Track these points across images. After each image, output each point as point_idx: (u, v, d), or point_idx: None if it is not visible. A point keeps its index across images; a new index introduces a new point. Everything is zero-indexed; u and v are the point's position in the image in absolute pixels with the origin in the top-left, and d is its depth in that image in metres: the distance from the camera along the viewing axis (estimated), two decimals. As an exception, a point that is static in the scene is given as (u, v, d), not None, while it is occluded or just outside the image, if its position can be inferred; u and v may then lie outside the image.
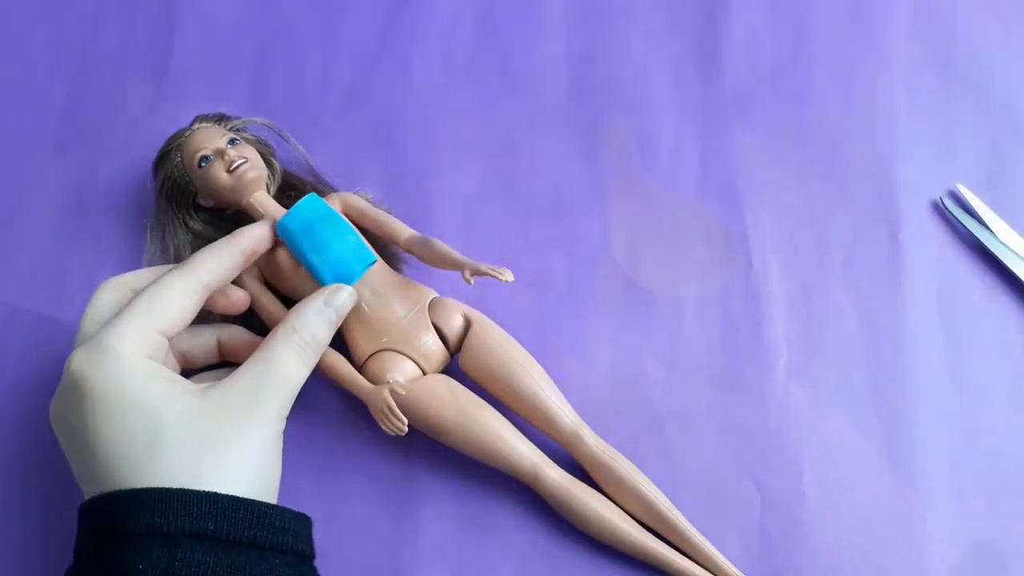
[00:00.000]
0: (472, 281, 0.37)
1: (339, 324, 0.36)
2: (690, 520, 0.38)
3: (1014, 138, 0.48)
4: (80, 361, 0.29)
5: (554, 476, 0.38)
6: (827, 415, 0.42)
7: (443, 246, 0.39)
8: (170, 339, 0.32)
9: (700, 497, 0.40)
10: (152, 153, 0.43)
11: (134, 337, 0.30)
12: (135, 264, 0.45)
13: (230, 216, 0.43)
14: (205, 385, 0.31)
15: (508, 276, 0.37)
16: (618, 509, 0.38)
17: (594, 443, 0.39)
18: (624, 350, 0.43)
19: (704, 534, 0.38)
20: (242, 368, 0.32)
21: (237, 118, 0.44)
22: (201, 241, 0.43)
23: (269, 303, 0.40)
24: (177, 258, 0.43)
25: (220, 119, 0.44)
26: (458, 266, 0.38)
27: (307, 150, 0.46)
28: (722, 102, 0.49)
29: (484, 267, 0.37)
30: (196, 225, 0.43)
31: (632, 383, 0.42)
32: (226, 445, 0.29)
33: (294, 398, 0.32)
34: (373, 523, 0.39)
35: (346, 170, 0.46)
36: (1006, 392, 0.42)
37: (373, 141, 0.48)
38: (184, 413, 0.29)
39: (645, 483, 0.38)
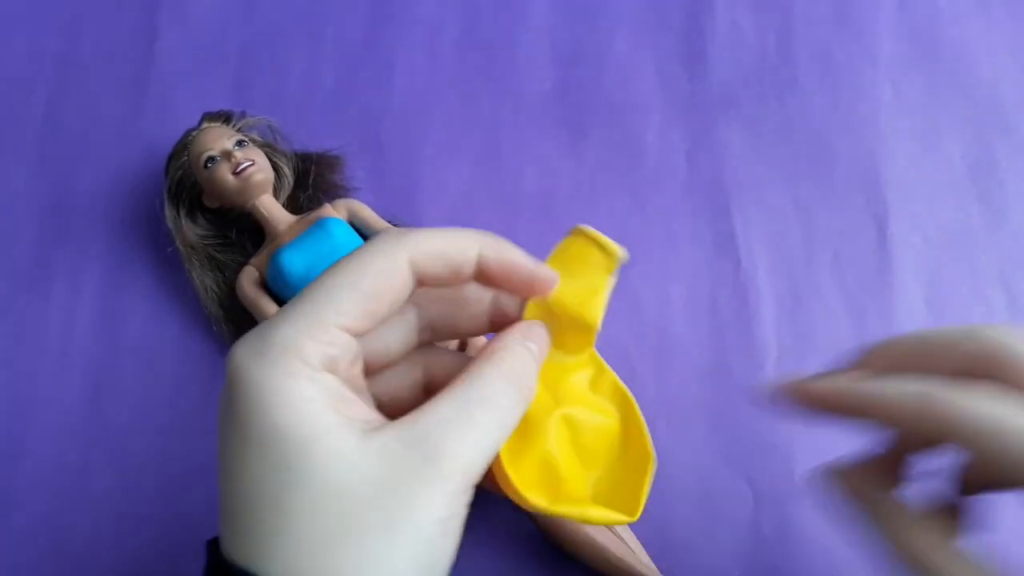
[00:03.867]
0: None
1: (539, 365, 0.25)
2: (683, 520, 0.38)
3: (999, 131, 0.48)
4: (241, 355, 0.20)
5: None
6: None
7: None
8: (360, 335, 0.22)
9: (692, 496, 0.40)
10: (135, 160, 0.43)
11: (309, 335, 0.20)
12: (120, 273, 0.45)
13: (234, 218, 0.43)
14: (383, 424, 0.21)
15: None
16: (604, 530, 0.37)
17: None
18: (613, 349, 0.43)
19: (697, 533, 0.38)
20: (436, 401, 0.21)
21: (243, 116, 0.44)
22: (207, 241, 0.42)
23: (269, 309, 0.40)
24: (192, 258, 0.42)
25: (227, 118, 0.44)
26: None
27: (292, 153, 0.46)
28: (708, 100, 0.49)
29: None
30: (201, 224, 0.43)
31: (622, 382, 0.42)
32: (389, 526, 0.19)
33: (496, 451, 0.22)
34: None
35: (332, 173, 0.46)
36: (995, 385, 0.42)
37: (359, 143, 0.48)
38: (343, 468, 0.19)
39: (622, 531, 0.37)
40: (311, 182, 0.45)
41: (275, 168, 0.43)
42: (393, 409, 0.23)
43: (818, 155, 0.47)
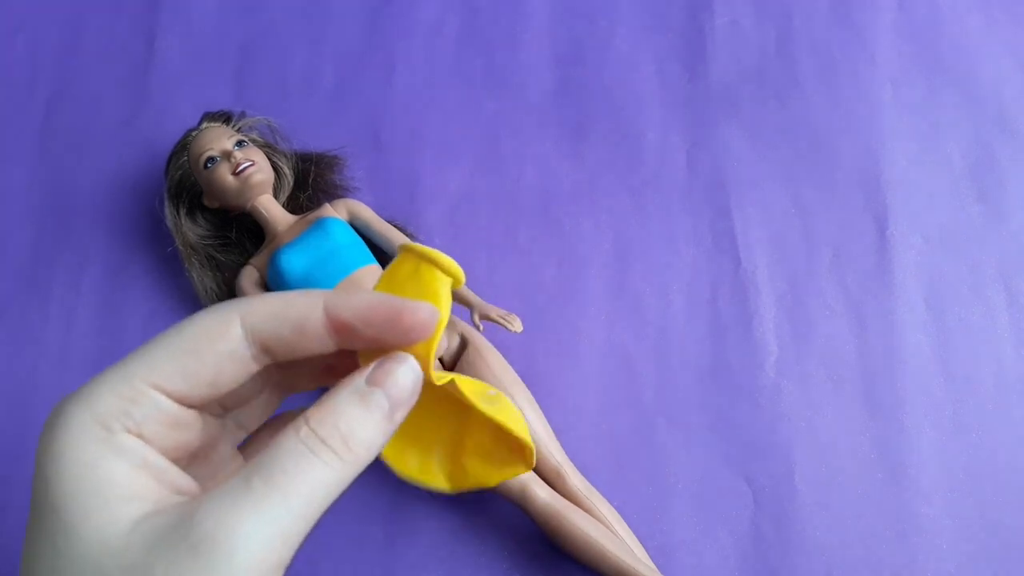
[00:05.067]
0: (482, 327, 0.38)
1: (397, 420, 0.20)
2: (682, 519, 0.38)
3: (999, 130, 0.48)
4: (56, 408, 0.18)
5: (542, 495, 0.37)
6: (818, 411, 0.42)
7: None
8: (188, 401, 0.19)
9: (692, 495, 0.40)
10: (135, 160, 0.43)
11: (114, 393, 0.18)
12: (120, 273, 0.45)
13: (234, 218, 0.43)
14: (179, 501, 0.18)
15: (517, 326, 0.38)
16: (604, 530, 0.37)
17: (576, 483, 0.38)
18: (613, 349, 0.43)
19: (697, 532, 0.38)
20: (230, 477, 0.18)
21: (243, 117, 0.44)
22: (207, 241, 0.42)
23: None
24: (192, 258, 0.42)
25: (227, 118, 0.44)
26: (465, 303, 0.39)
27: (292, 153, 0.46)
28: (708, 100, 0.49)
29: (493, 313, 0.38)
30: (201, 224, 0.43)
31: (622, 382, 0.42)
32: None
33: (303, 537, 0.18)
34: (363, 539, 0.39)
35: (332, 173, 0.46)
36: (995, 386, 0.42)
37: (359, 143, 0.48)
38: (104, 553, 0.16)
39: (621, 530, 0.38)
40: (311, 182, 0.45)
41: (275, 168, 0.43)
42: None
43: (818, 155, 0.47)
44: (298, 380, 0.23)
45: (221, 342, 0.19)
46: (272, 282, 0.40)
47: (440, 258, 0.21)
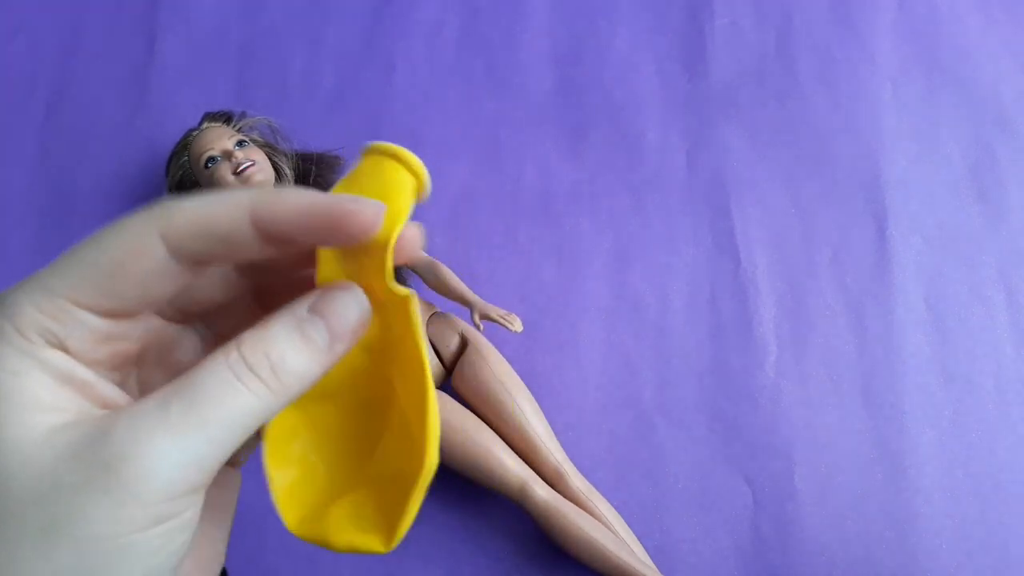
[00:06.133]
0: (482, 327, 0.38)
1: (337, 352, 0.19)
2: (682, 519, 0.38)
3: (999, 130, 0.48)
4: None
5: (541, 494, 0.37)
6: (817, 411, 0.42)
7: (451, 277, 0.39)
8: (111, 315, 0.18)
9: (692, 495, 0.40)
10: (135, 160, 0.43)
11: (33, 305, 0.17)
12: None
13: None
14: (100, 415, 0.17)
15: (517, 326, 0.38)
16: (604, 529, 0.37)
17: (577, 483, 0.38)
18: (613, 349, 0.43)
19: (697, 532, 0.38)
20: (151, 395, 0.17)
21: (244, 117, 0.44)
22: None
23: None
24: None
25: (228, 118, 0.44)
26: (466, 303, 0.39)
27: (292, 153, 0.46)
28: (708, 100, 0.49)
29: (494, 313, 0.38)
30: None
31: (622, 382, 0.42)
32: (44, 534, 0.16)
33: (217, 462, 0.17)
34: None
35: (332, 173, 0.46)
36: (994, 385, 0.42)
37: (358, 143, 0.48)
38: (15, 461, 0.16)
39: (621, 530, 0.38)
40: (311, 182, 0.45)
41: (275, 168, 0.43)
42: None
43: (817, 155, 0.47)
44: (274, 283, 0.21)
45: (143, 261, 0.18)
46: None
47: (403, 153, 0.18)
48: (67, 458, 0.16)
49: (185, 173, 0.42)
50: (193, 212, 0.17)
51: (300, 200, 0.17)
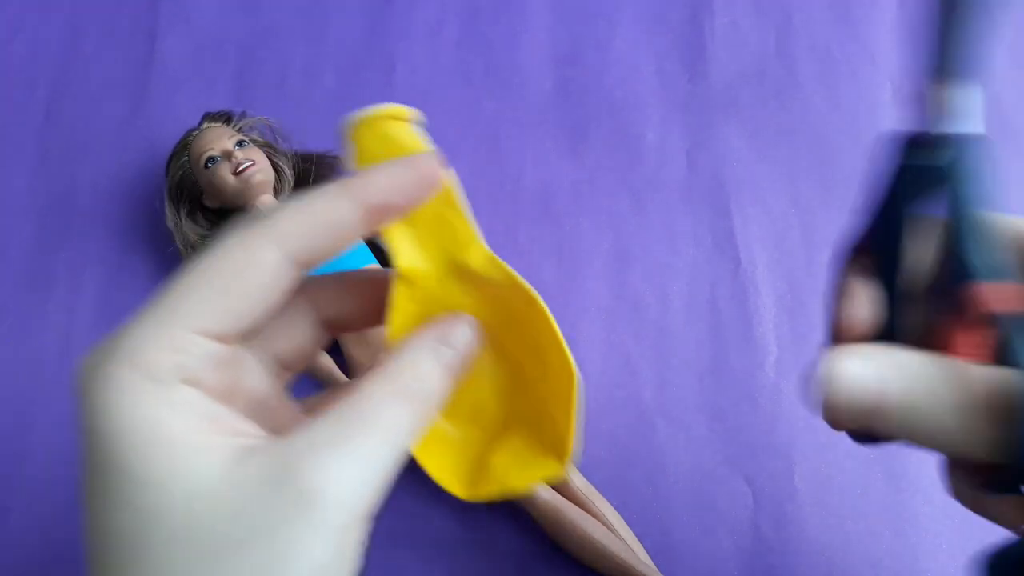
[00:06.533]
0: None
1: (463, 372, 0.21)
2: (682, 520, 0.38)
3: (999, 131, 0.48)
4: (85, 371, 0.18)
5: (543, 494, 0.37)
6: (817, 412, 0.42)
7: None
8: (231, 339, 0.19)
9: (692, 496, 0.40)
10: (135, 160, 0.43)
11: (158, 345, 0.17)
12: (120, 273, 0.45)
13: (235, 218, 0.43)
14: (253, 445, 0.17)
15: None
16: (604, 529, 0.37)
17: (577, 483, 0.38)
18: (613, 349, 0.43)
19: (697, 533, 0.38)
20: (314, 422, 0.18)
21: (243, 116, 0.44)
22: (207, 241, 0.42)
23: None
24: (190, 255, 0.42)
25: (228, 118, 0.44)
26: None
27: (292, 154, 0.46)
28: (708, 100, 0.49)
29: None
30: (201, 224, 0.43)
31: (622, 382, 0.42)
32: (261, 559, 0.16)
33: (383, 480, 0.18)
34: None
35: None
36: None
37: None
38: (204, 504, 0.16)
39: (622, 530, 0.38)
40: (311, 182, 0.45)
41: (275, 168, 0.43)
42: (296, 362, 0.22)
43: (818, 155, 0.47)
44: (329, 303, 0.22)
45: (258, 270, 0.18)
46: None
47: (389, 109, 0.21)
48: (254, 499, 0.16)
49: (185, 173, 0.42)
50: (296, 211, 0.19)
51: (387, 172, 0.20)
